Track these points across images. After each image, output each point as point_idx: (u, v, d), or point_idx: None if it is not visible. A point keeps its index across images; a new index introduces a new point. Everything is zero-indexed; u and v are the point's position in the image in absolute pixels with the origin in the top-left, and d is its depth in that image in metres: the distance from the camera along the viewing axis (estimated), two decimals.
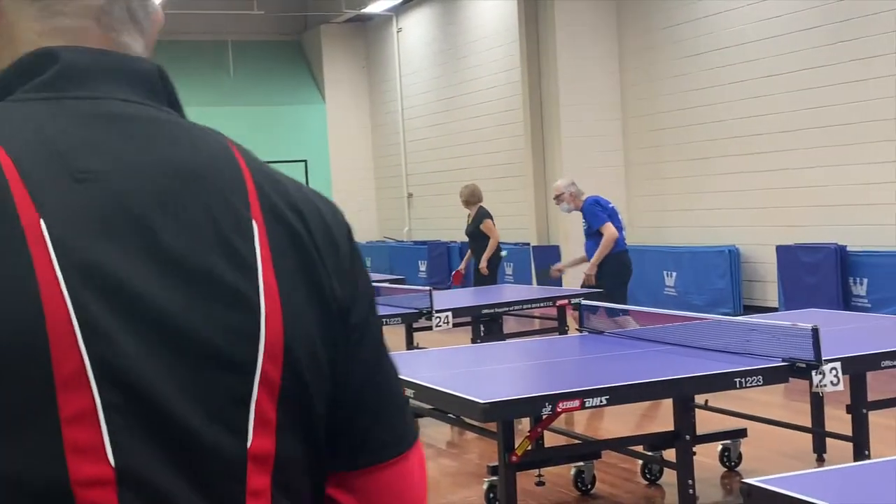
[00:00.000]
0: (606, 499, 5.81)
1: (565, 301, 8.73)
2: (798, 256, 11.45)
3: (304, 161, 21.03)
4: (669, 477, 5.45)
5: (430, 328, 7.89)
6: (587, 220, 9.26)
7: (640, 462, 5.95)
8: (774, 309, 11.25)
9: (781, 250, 11.73)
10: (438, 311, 7.79)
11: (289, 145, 20.95)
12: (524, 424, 6.04)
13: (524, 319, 10.74)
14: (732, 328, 5.62)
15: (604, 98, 14.76)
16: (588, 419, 7.63)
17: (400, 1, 19.40)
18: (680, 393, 4.97)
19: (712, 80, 13.01)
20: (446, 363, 5.71)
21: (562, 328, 8.88)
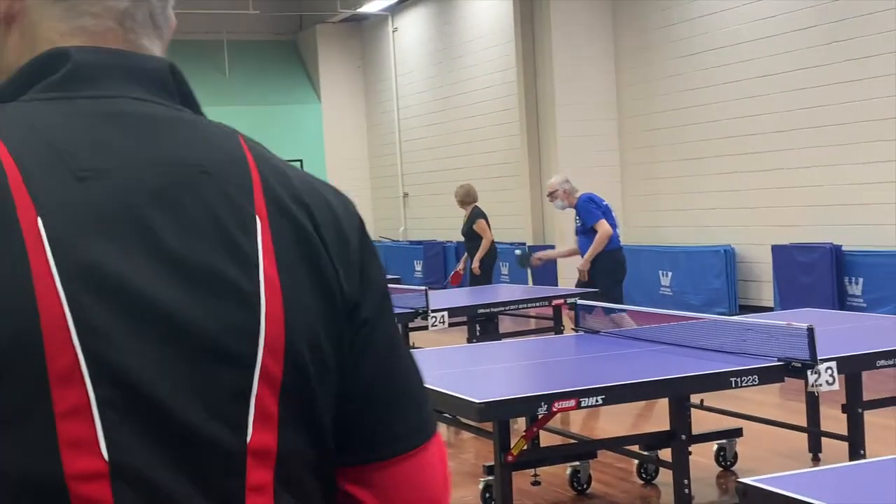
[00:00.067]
0: (602, 498, 5.81)
1: (561, 301, 8.73)
2: (793, 256, 11.46)
3: (300, 161, 21.00)
4: (665, 476, 5.44)
5: (425, 328, 7.89)
6: (581, 217, 9.24)
7: (636, 462, 5.95)
8: (770, 309, 11.26)
9: (777, 250, 11.74)
10: (434, 311, 7.79)
11: (284, 145, 20.92)
12: (520, 424, 6.04)
13: (520, 319, 10.74)
14: (728, 328, 5.62)
15: (599, 98, 14.76)
16: (584, 419, 7.63)
17: (395, 1, 19.40)
18: (675, 392, 4.97)
19: (707, 80, 13.02)
20: (442, 363, 5.70)
21: (557, 328, 8.88)
